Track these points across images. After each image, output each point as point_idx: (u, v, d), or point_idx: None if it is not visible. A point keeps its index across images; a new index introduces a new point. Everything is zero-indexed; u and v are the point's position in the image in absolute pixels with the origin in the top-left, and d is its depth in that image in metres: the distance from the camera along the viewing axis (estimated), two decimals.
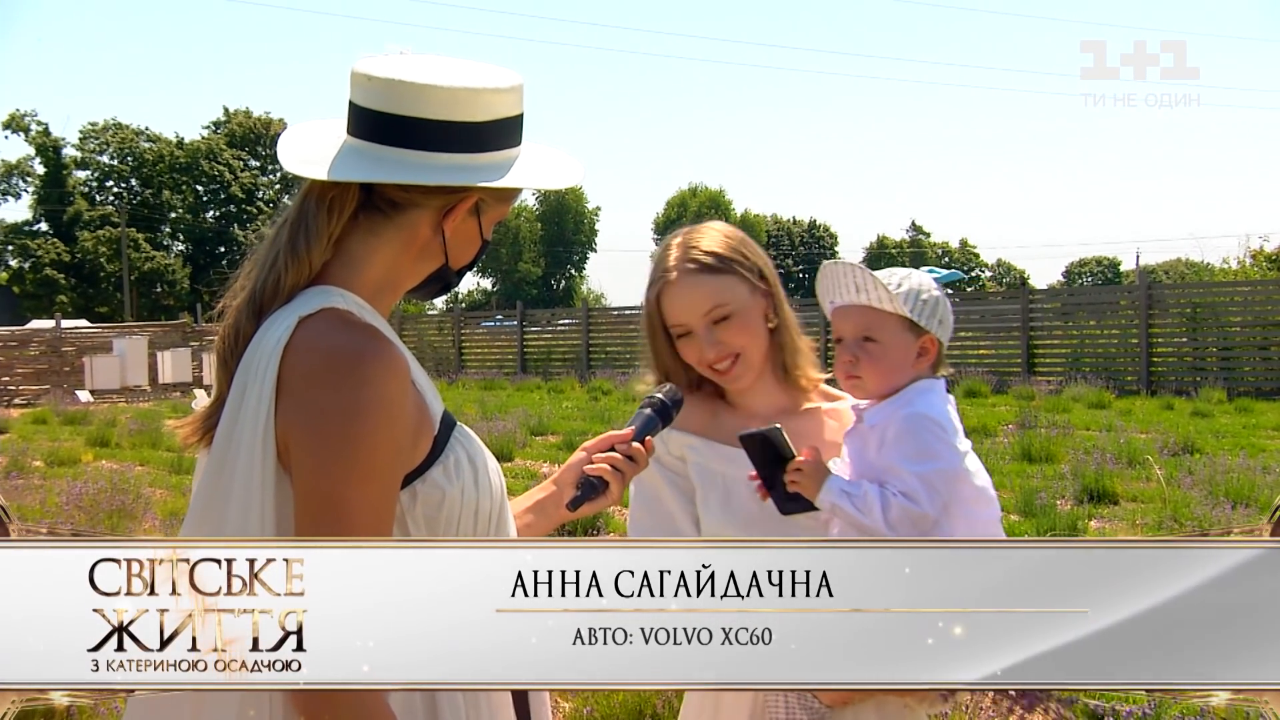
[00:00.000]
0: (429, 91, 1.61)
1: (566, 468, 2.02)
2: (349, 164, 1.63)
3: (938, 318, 2.07)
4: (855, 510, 1.94)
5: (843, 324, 2.10)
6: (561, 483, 2.00)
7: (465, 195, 1.66)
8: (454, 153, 1.63)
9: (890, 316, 2.04)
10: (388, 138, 1.63)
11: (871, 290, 2.04)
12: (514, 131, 1.71)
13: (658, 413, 2.01)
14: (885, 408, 2.04)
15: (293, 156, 1.67)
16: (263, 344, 1.55)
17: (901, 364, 2.06)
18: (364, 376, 1.50)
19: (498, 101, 1.66)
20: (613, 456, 1.93)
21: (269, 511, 1.50)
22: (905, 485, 1.93)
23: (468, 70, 1.66)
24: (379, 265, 1.67)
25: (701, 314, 2.15)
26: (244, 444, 1.51)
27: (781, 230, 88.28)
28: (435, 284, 1.76)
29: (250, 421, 1.51)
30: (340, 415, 1.48)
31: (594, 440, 2.01)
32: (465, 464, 1.64)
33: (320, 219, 1.62)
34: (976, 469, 2.04)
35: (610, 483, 1.91)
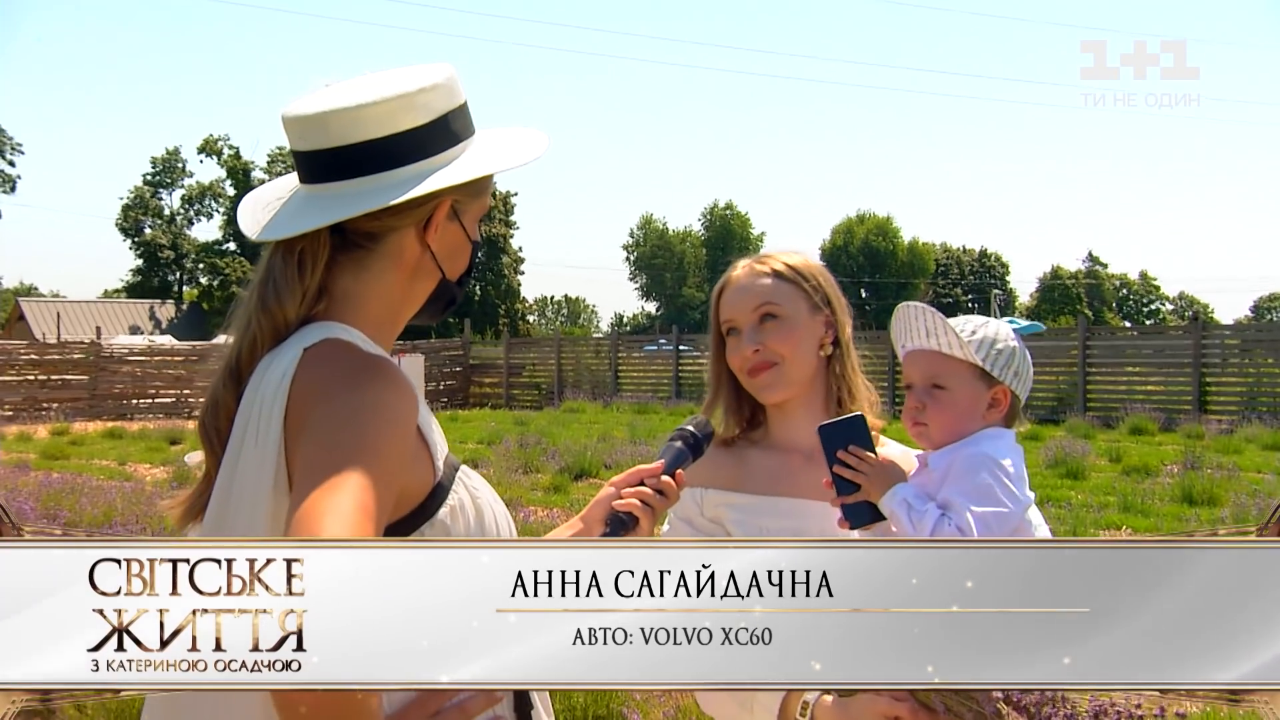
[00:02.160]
0: (363, 111, 1.55)
1: (595, 504, 1.95)
2: (309, 211, 1.57)
3: (1013, 369, 1.99)
4: (909, 522, 1.87)
5: (912, 369, 2.04)
6: (590, 519, 1.94)
7: (438, 202, 1.61)
8: (410, 164, 1.57)
9: (961, 364, 1.98)
10: (338, 172, 1.57)
11: (942, 335, 1.98)
12: (462, 123, 1.65)
13: (688, 446, 1.96)
14: (950, 450, 1.97)
15: (251, 222, 1.62)
16: (264, 383, 1.49)
17: (970, 414, 1.99)
18: (375, 386, 1.45)
19: (434, 99, 1.60)
20: (642, 491, 1.88)
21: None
22: (961, 520, 1.86)
23: (394, 78, 1.60)
24: (376, 299, 1.63)
25: (750, 309, 2.16)
26: (246, 495, 1.45)
27: (950, 258, 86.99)
28: (439, 302, 1.71)
29: (255, 467, 1.44)
30: (349, 409, 1.42)
31: (623, 475, 1.95)
32: (469, 506, 1.60)
33: (290, 274, 1.57)
34: (1039, 524, 1.98)
35: (640, 518, 1.86)
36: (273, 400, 1.46)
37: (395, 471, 1.45)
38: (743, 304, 2.18)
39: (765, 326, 2.15)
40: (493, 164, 1.64)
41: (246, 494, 1.44)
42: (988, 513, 1.86)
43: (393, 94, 1.56)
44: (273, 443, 1.44)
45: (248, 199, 1.70)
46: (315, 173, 1.60)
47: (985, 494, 1.88)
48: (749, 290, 2.18)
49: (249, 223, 1.63)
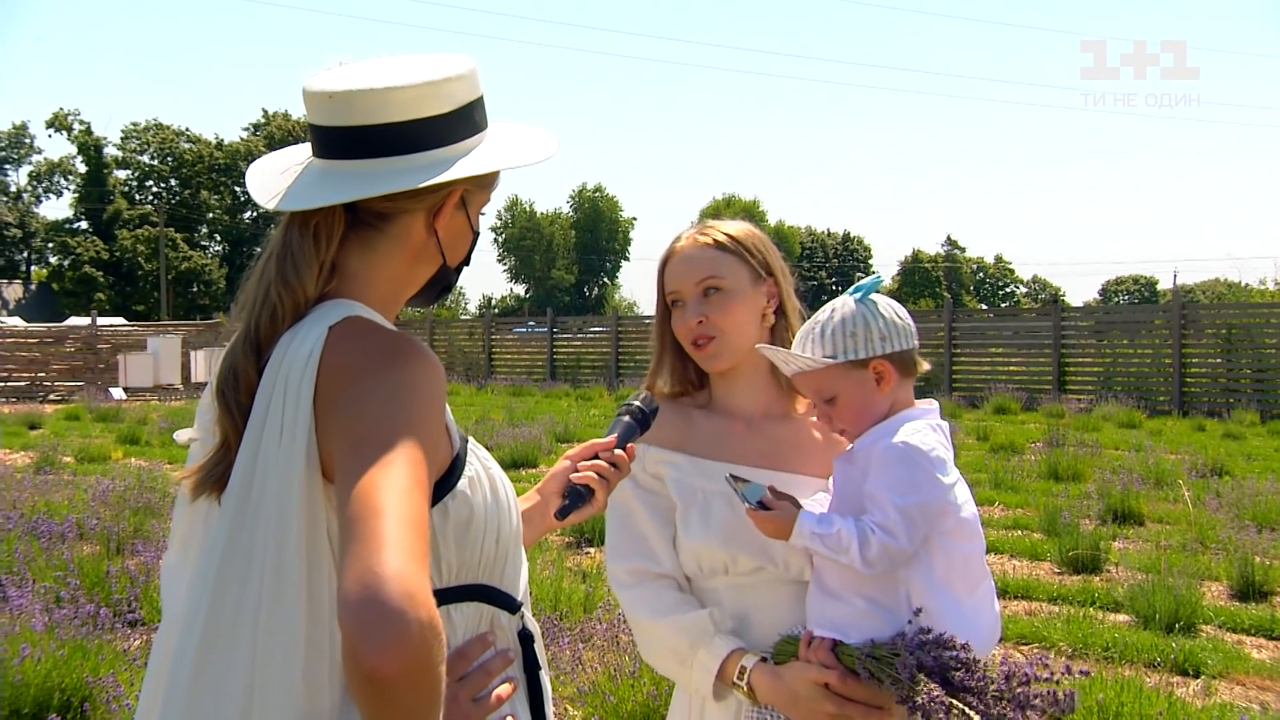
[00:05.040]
0: (391, 94, 1.56)
1: (550, 477, 2.02)
2: (329, 185, 1.58)
3: (876, 338, 2.02)
4: (829, 551, 1.92)
5: (804, 392, 2.13)
6: (546, 492, 2.01)
7: (451, 190, 1.63)
8: (430, 150, 1.59)
9: (827, 370, 2.03)
10: (360, 150, 1.58)
11: (795, 360, 2.05)
12: (480, 115, 1.67)
13: (636, 421, 2.03)
14: (872, 434, 2.02)
15: (265, 193, 1.62)
16: (289, 361, 1.48)
17: (867, 400, 2.03)
18: (411, 364, 1.45)
19: (458, 89, 1.62)
20: (597, 464, 1.94)
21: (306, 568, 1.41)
22: (884, 518, 1.90)
23: (421, 65, 1.62)
24: (383, 279, 1.64)
25: (694, 282, 2.19)
26: (274, 474, 1.43)
27: (816, 242, 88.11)
28: (435, 287, 1.72)
29: (285, 446, 1.43)
30: (390, 386, 1.42)
31: (577, 449, 2.02)
32: (484, 476, 1.62)
33: (307, 248, 1.57)
34: (965, 499, 2.00)
35: (596, 490, 1.93)
36: (300, 379, 1.45)
37: (434, 446, 1.46)
38: (687, 275, 2.20)
39: (709, 300, 2.18)
40: (513, 158, 1.66)
41: (275, 471, 1.43)
42: (910, 504, 1.90)
43: (421, 80, 1.58)
44: (303, 422, 1.44)
45: (255, 166, 1.70)
46: (334, 149, 1.60)
47: (906, 485, 1.92)
48: (693, 261, 2.20)
49: (261, 192, 1.63)
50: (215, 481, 1.53)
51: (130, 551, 7.56)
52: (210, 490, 1.54)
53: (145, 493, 9.20)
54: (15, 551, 6.94)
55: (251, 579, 1.40)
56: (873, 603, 1.94)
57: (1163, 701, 4.85)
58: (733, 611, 2.11)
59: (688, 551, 2.14)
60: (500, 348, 33.51)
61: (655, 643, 2.12)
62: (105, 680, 4.73)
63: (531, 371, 31.59)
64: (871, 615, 1.93)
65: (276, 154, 1.72)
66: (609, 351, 30.21)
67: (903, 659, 1.80)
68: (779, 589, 2.11)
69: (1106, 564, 8.08)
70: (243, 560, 1.41)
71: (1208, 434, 17.07)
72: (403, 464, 1.33)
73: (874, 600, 1.94)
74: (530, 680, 1.68)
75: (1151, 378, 22.79)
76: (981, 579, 2.01)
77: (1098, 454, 13.23)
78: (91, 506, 8.77)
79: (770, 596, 2.11)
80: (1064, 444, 13.78)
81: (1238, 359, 21.81)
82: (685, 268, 2.21)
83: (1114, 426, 18.00)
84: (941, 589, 1.93)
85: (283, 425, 1.44)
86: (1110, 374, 23.51)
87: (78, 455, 14.34)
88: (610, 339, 30.49)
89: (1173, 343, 21.83)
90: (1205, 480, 11.45)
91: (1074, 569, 8.01)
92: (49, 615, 5.24)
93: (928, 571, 1.93)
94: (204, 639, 1.41)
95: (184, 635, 1.44)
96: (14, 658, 4.74)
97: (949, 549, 1.95)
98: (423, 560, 1.25)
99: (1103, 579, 7.77)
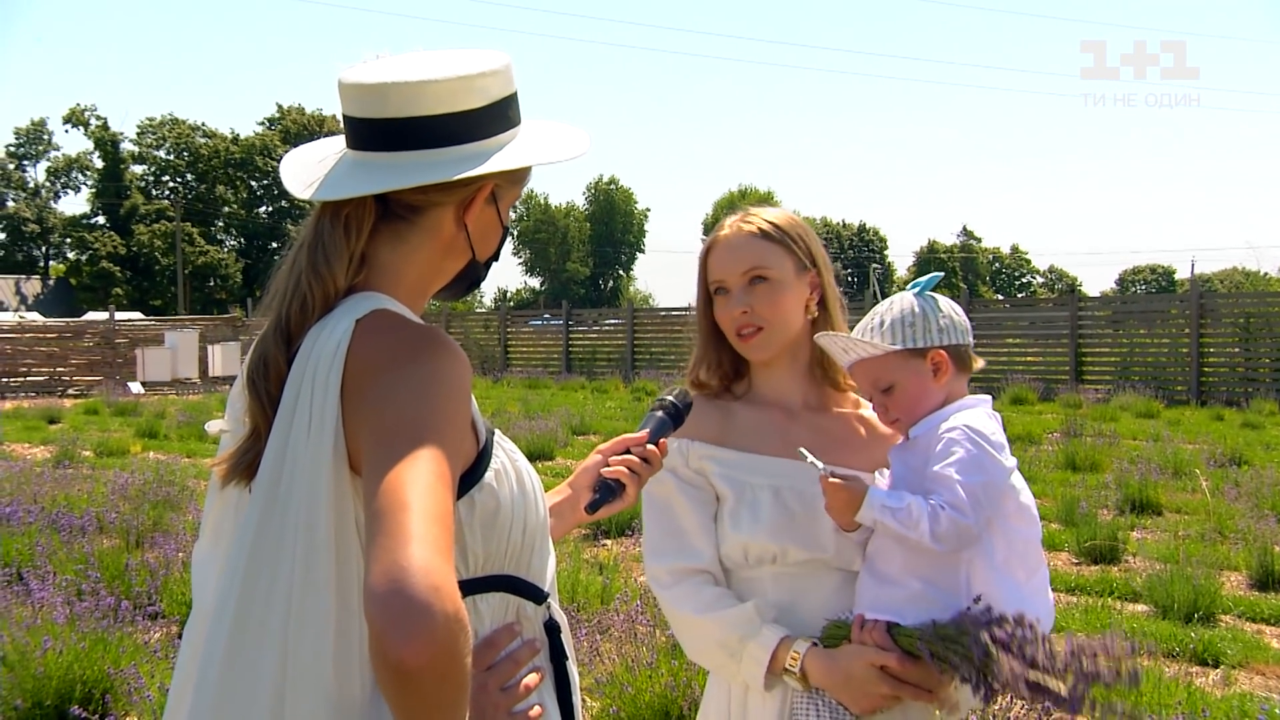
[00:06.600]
0: (426, 88, 1.57)
1: (582, 471, 2.02)
2: (361, 176, 1.59)
3: (933, 329, 2.05)
4: (900, 526, 1.92)
5: (859, 381, 2.13)
6: (577, 486, 2.01)
7: (482, 185, 1.63)
8: (463, 144, 1.59)
9: (887, 358, 2.05)
10: (393, 143, 1.58)
11: (856, 348, 2.06)
12: (514, 110, 1.67)
13: (670, 415, 2.01)
14: (930, 421, 2.03)
15: (299, 184, 1.63)
16: (317, 353, 1.49)
17: (924, 390, 2.05)
18: (438, 357, 1.46)
19: (492, 84, 1.62)
20: (629, 459, 1.93)
21: (334, 551, 1.43)
22: (953, 496, 1.90)
23: (456, 59, 1.62)
24: (412, 271, 1.64)
25: (740, 271, 2.18)
26: (302, 465, 1.44)
27: (831, 233, 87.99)
28: (463, 281, 1.73)
29: (313, 439, 1.44)
30: (417, 379, 1.43)
31: (609, 443, 2.01)
32: (510, 468, 1.62)
33: (338, 238, 1.58)
34: (1021, 486, 2.02)
35: (627, 485, 1.91)
36: (328, 371, 1.46)
37: (460, 440, 1.48)
38: (732, 264, 2.19)
39: (754, 289, 2.17)
40: (546, 154, 1.66)
41: (304, 463, 1.44)
42: (976, 484, 1.91)
43: (455, 74, 1.58)
44: (330, 415, 1.45)
45: (289, 158, 1.71)
46: (368, 140, 1.61)
47: (972, 466, 1.93)
48: (738, 250, 2.19)
49: (295, 182, 1.65)
50: (245, 469, 1.55)
51: (150, 545, 7.62)
52: (240, 478, 1.56)
53: (164, 486, 9.26)
54: (36, 545, 7.00)
55: (282, 568, 1.42)
56: (930, 584, 1.94)
57: (1182, 691, 4.84)
58: (776, 600, 2.10)
59: (733, 543, 2.12)
60: (516, 340, 33.56)
61: (702, 638, 2.11)
62: (126, 672, 4.76)
63: (547, 364, 31.58)
64: (926, 598, 1.93)
65: (311, 145, 1.74)
66: (624, 344, 30.20)
67: (974, 636, 1.79)
68: (824, 577, 2.10)
69: (1125, 554, 8.06)
70: (273, 549, 1.43)
71: (1226, 423, 16.99)
72: (428, 458, 1.34)
73: (931, 582, 1.94)
74: (557, 670, 1.69)
75: (1169, 367, 22.67)
76: (1038, 565, 2.01)
77: (1115, 444, 13.19)
78: (111, 500, 8.82)
79: (815, 584, 2.10)
80: (1081, 434, 13.75)
81: (1256, 348, 21.70)
82: (730, 256, 2.19)
83: (1132, 416, 17.92)
84: (1002, 573, 1.93)
85: (310, 418, 1.46)
86: (1128, 364, 23.40)
87: (97, 449, 14.42)
88: (626, 331, 30.47)
89: (1190, 332, 21.71)
90: (1224, 470, 11.38)
91: (1092, 559, 7.98)
92: (70, 608, 5.28)
93: (989, 555, 1.94)
94: (235, 627, 1.42)
95: (215, 624, 1.45)
96: (36, 650, 4.77)
97: (1009, 533, 1.96)
98: (448, 553, 1.26)
99: (1121, 569, 7.75)
